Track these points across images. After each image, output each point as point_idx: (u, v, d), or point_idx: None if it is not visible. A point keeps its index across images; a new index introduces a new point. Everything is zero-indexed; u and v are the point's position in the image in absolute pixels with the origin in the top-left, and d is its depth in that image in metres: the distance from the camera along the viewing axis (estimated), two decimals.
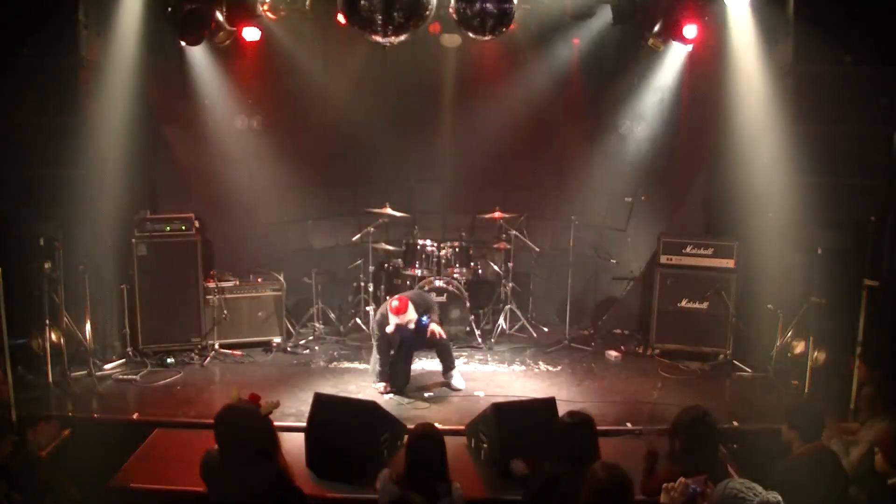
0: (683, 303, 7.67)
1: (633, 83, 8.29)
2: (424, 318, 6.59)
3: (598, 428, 5.83)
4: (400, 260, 8.33)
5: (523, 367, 7.49)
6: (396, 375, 6.73)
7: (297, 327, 8.26)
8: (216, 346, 7.57)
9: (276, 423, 4.06)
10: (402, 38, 4.82)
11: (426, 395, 6.68)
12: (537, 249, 8.53)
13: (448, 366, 6.85)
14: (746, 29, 6.70)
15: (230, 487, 3.66)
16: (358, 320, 8.45)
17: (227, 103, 8.32)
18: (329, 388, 6.64)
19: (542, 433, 4.32)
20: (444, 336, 6.72)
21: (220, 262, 8.18)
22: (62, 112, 6.11)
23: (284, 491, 3.69)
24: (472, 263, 8.38)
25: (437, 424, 4.41)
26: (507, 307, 8.30)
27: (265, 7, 7.23)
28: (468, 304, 7.93)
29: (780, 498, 3.08)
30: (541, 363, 7.59)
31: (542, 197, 9.24)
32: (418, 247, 8.17)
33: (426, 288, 7.88)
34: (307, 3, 7.12)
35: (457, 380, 6.82)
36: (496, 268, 8.47)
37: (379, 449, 5.15)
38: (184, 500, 4.65)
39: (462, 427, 5.79)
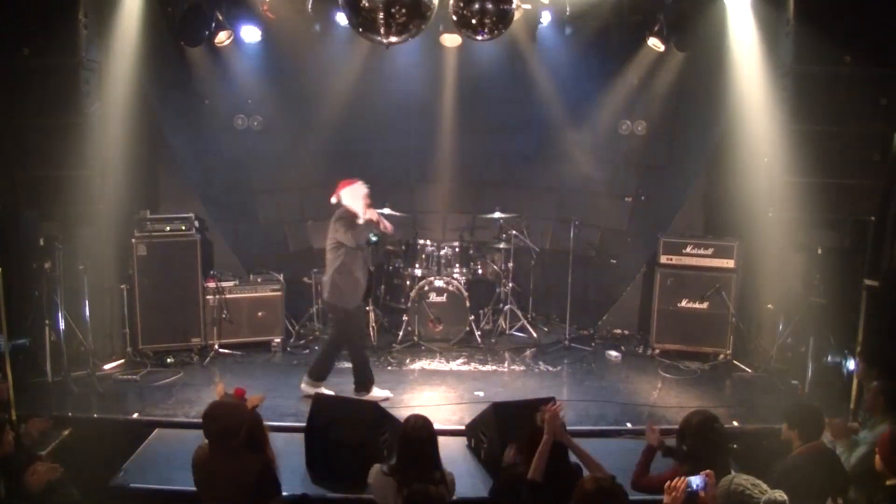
0: (683, 303, 7.67)
1: (633, 83, 8.30)
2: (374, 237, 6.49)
3: (599, 428, 5.96)
4: (400, 260, 8.33)
5: (523, 367, 7.49)
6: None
7: (297, 327, 8.26)
8: (216, 346, 7.58)
9: (276, 424, 4.08)
10: (403, 38, 4.81)
11: (426, 394, 6.69)
12: (537, 249, 8.54)
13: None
14: (746, 29, 6.70)
15: (217, 479, 3.71)
16: None
17: (227, 103, 8.33)
18: (329, 388, 6.63)
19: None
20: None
21: (220, 262, 8.18)
22: (62, 112, 6.11)
23: (267, 482, 3.74)
24: (472, 263, 8.38)
25: (437, 424, 4.40)
26: (507, 307, 8.30)
27: (265, 7, 7.23)
28: (468, 304, 7.93)
29: (786, 497, 3.08)
30: (541, 363, 7.59)
31: (542, 197, 9.25)
32: (418, 247, 8.18)
33: (426, 288, 7.89)
34: (308, 3, 7.12)
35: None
36: (496, 268, 8.47)
37: (379, 449, 5.15)
38: (184, 500, 4.65)
39: (462, 427, 5.80)
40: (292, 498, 3.44)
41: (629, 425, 6.02)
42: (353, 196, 6.34)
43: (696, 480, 3.29)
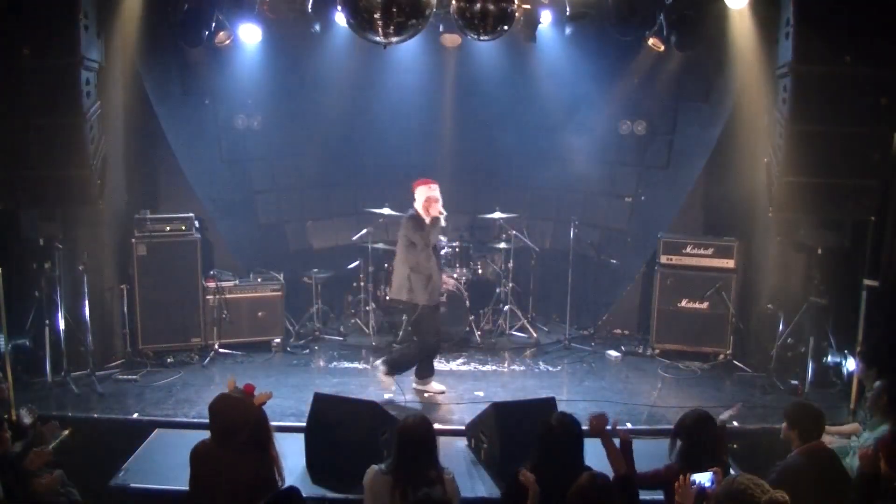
0: (683, 303, 7.67)
1: (633, 83, 8.29)
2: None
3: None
4: None
5: (523, 367, 7.50)
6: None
7: (297, 327, 8.26)
8: (216, 346, 7.57)
9: (276, 423, 4.08)
10: (402, 38, 4.81)
11: (426, 394, 6.69)
12: (537, 249, 8.54)
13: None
14: (746, 29, 6.69)
15: (218, 474, 3.70)
16: (358, 320, 8.46)
17: (227, 103, 8.32)
18: (329, 388, 6.64)
19: None
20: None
21: (220, 262, 8.18)
22: (62, 112, 6.09)
23: (265, 481, 3.73)
24: (472, 263, 8.38)
25: (436, 425, 4.41)
26: (507, 307, 8.30)
27: (265, 6, 7.23)
28: (468, 304, 7.93)
29: (787, 497, 3.08)
30: (541, 363, 7.60)
31: (542, 197, 9.25)
32: None
33: None
34: (308, 3, 7.11)
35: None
36: (496, 268, 8.47)
37: (379, 449, 5.15)
38: (183, 500, 4.65)
39: (462, 427, 5.80)
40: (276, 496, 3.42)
41: (629, 425, 6.02)
42: (418, 196, 6.60)
43: (705, 479, 3.30)
